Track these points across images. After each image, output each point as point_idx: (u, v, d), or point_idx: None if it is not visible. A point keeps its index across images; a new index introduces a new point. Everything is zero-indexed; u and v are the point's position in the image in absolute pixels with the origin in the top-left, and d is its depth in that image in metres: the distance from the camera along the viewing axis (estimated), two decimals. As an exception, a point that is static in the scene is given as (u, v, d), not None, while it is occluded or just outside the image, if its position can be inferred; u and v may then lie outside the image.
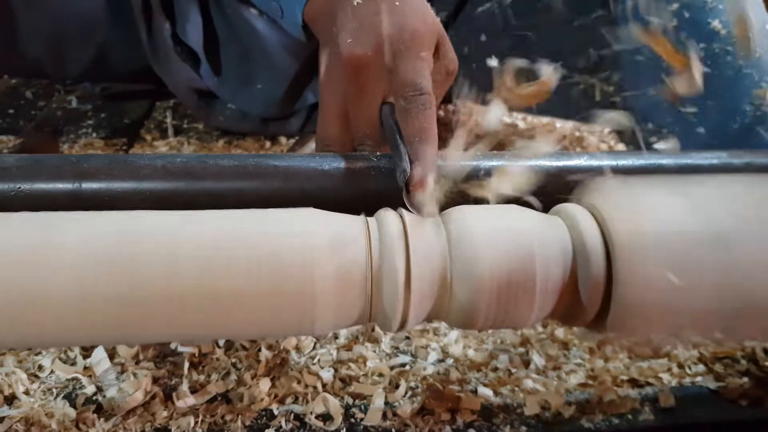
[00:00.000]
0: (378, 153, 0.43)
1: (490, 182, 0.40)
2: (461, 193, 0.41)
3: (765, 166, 0.44)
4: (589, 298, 0.34)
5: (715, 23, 0.66)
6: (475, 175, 0.42)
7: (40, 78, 1.03)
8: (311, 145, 0.81)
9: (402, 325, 0.34)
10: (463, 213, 0.35)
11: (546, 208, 0.38)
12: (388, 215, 0.35)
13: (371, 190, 0.40)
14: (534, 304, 0.33)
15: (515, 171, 0.40)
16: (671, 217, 0.34)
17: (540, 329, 0.57)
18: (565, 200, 0.38)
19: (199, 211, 0.33)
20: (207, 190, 0.38)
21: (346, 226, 0.34)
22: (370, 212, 0.37)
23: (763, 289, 0.34)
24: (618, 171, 0.42)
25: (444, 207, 0.38)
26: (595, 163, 0.42)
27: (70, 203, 0.37)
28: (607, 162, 0.42)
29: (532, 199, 0.38)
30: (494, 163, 0.41)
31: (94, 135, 0.87)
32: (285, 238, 0.32)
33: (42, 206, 0.35)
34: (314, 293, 0.32)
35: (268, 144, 0.93)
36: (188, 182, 0.38)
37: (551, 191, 0.40)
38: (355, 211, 0.37)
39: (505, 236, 0.34)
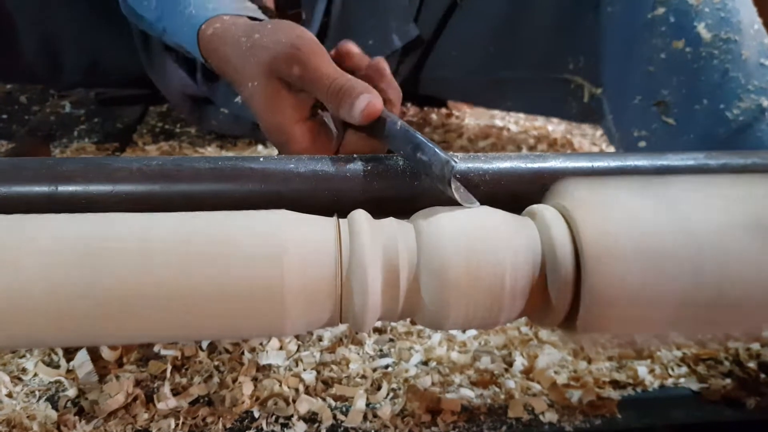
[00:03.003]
0: (355, 155, 0.43)
1: None
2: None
3: (741, 167, 0.44)
4: (558, 299, 0.34)
5: (700, 27, 0.65)
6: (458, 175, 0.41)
7: (35, 83, 1.04)
8: None
9: (373, 326, 0.34)
10: (433, 214, 0.35)
11: (520, 209, 0.38)
12: (359, 217, 0.35)
13: (347, 193, 0.40)
14: (503, 304, 0.34)
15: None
16: (641, 219, 0.34)
17: (524, 330, 0.57)
18: (539, 201, 0.38)
19: (170, 213, 0.34)
20: (182, 192, 0.38)
21: (318, 227, 0.34)
22: (346, 215, 0.37)
23: (733, 290, 0.34)
24: (594, 172, 0.42)
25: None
26: (570, 164, 0.42)
27: (47, 206, 0.37)
28: (582, 163, 0.42)
29: None
30: (469, 165, 0.41)
31: (87, 140, 0.88)
32: (255, 239, 0.32)
33: (18, 210, 0.35)
34: (283, 294, 0.32)
35: (260, 147, 0.93)
36: (163, 185, 0.38)
37: (525, 192, 0.40)
38: (331, 214, 0.37)
39: (475, 237, 0.34)
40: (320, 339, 0.55)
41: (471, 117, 1.06)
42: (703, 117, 0.66)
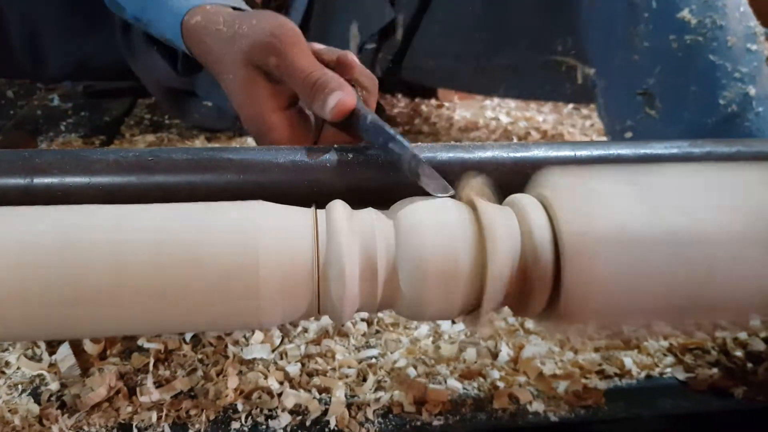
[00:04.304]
0: (336, 145, 0.42)
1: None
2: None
3: (726, 156, 0.43)
4: (537, 289, 0.34)
5: (684, 12, 0.64)
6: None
7: (22, 78, 1.03)
8: None
9: (351, 317, 0.34)
10: (412, 204, 0.35)
11: (502, 199, 0.38)
12: (337, 207, 0.35)
13: (326, 183, 0.40)
14: (482, 294, 0.33)
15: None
16: (622, 209, 0.33)
17: (511, 321, 0.57)
18: (521, 191, 0.38)
19: (146, 205, 0.33)
20: (159, 184, 0.38)
21: (294, 218, 0.34)
22: (325, 205, 0.37)
23: (713, 283, 0.34)
24: (576, 161, 0.42)
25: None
26: (552, 153, 0.42)
27: (22, 199, 0.37)
28: (565, 152, 0.42)
29: None
30: (451, 154, 0.41)
31: (74, 134, 0.87)
32: (231, 231, 0.32)
33: (-7, 202, 0.35)
34: (258, 286, 0.31)
35: (249, 139, 0.93)
36: (140, 176, 0.38)
37: (507, 182, 0.40)
38: (310, 205, 0.36)
39: (453, 227, 0.33)
40: (306, 331, 0.54)
41: (461, 108, 1.06)
42: (690, 107, 0.65)
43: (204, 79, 0.86)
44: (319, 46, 0.51)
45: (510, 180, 0.41)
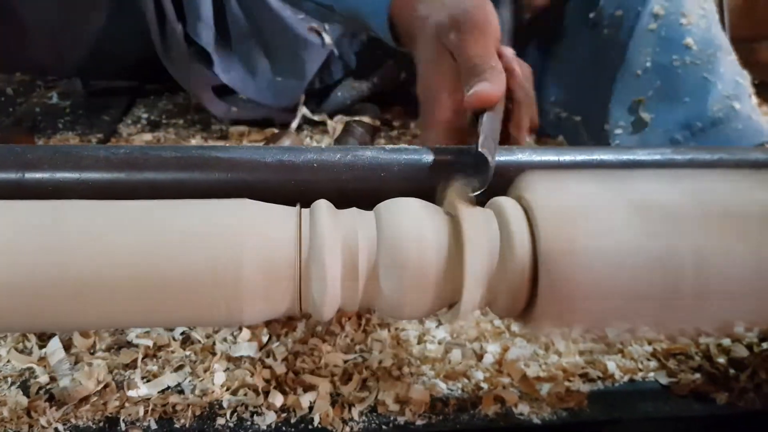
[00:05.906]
0: (324, 147, 0.43)
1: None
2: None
3: (708, 163, 0.44)
4: (514, 292, 0.34)
5: (689, 40, 0.71)
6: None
7: (33, 72, 1.04)
8: (286, 141, 0.82)
9: (332, 315, 0.35)
10: (394, 204, 0.35)
11: (485, 202, 0.38)
12: (320, 207, 0.35)
13: (313, 184, 0.40)
14: (461, 294, 0.34)
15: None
16: (601, 215, 0.34)
17: (497, 323, 0.57)
18: (504, 194, 0.39)
19: (129, 201, 0.34)
20: (148, 181, 0.39)
21: (279, 216, 0.35)
22: (310, 205, 0.37)
23: (696, 293, 0.34)
24: (560, 166, 0.42)
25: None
26: (536, 158, 0.42)
27: (14, 193, 0.37)
28: (549, 157, 0.42)
29: None
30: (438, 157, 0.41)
31: (71, 132, 0.88)
32: (214, 228, 0.33)
33: (-16, 196, 0.35)
34: (240, 283, 0.32)
35: (245, 143, 0.93)
36: (129, 173, 0.38)
37: (491, 185, 0.40)
38: (296, 204, 0.37)
39: (434, 228, 0.34)
40: (293, 329, 0.55)
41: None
42: (681, 113, 0.70)
43: (238, 73, 0.88)
44: (505, 51, 0.53)
45: (494, 183, 0.41)
